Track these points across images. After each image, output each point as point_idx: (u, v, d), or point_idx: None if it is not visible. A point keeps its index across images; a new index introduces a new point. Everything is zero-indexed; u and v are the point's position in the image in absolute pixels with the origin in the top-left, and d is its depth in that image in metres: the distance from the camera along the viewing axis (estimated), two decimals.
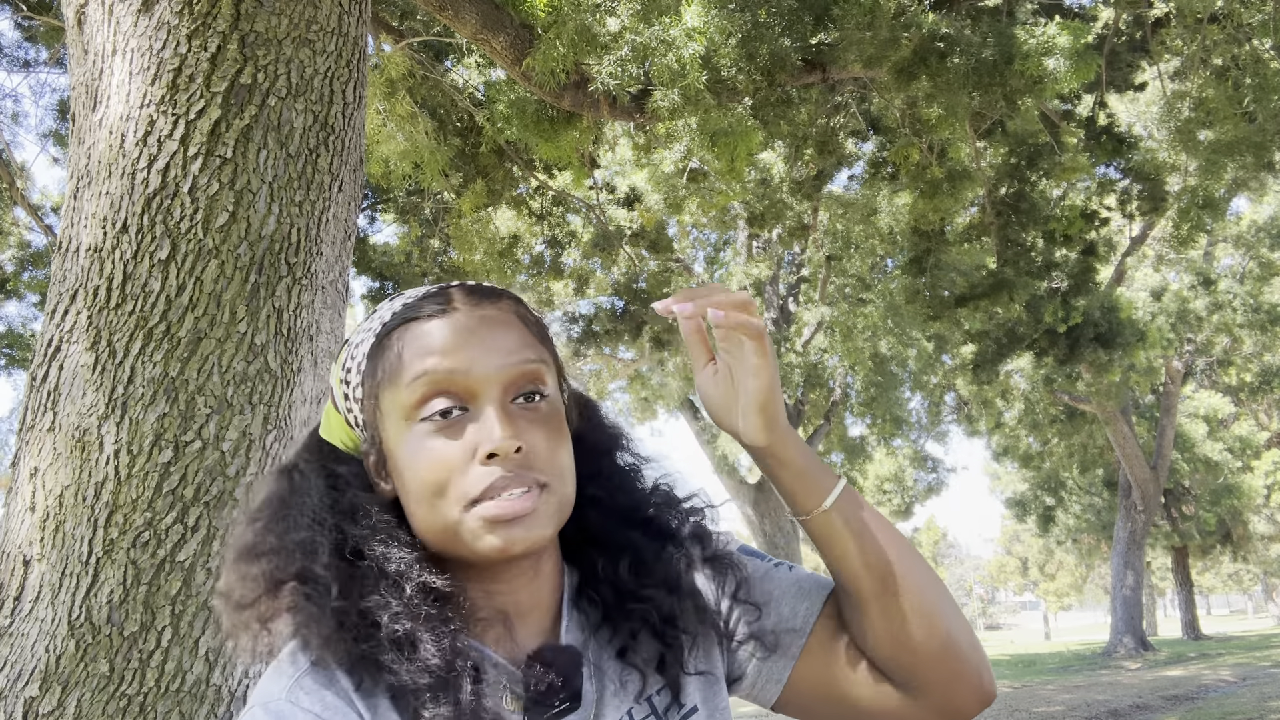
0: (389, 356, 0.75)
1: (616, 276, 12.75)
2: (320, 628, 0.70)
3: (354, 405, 0.78)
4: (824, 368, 15.89)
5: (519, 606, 0.78)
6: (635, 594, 0.81)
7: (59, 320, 2.17)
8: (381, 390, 0.75)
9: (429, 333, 0.74)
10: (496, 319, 0.76)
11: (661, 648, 0.81)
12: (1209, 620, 44.93)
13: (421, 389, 0.72)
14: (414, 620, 0.70)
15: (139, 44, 2.24)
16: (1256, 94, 7.08)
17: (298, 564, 0.73)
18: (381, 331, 0.76)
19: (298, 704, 0.68)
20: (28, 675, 1.93)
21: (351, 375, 0.78)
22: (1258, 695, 10.52)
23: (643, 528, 0.85)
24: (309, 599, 0.71)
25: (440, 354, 0.73)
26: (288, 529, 0.76)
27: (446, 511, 0.72)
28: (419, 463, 0.72)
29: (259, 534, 0.77)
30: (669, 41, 4.72)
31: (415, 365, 0.73)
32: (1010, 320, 9.76)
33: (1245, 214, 18.38)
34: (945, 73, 5.24)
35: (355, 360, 0.78)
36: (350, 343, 0.80)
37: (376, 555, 0.72)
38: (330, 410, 0.82)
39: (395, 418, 0.74)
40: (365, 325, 0.79)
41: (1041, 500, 25.53)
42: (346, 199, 2.49)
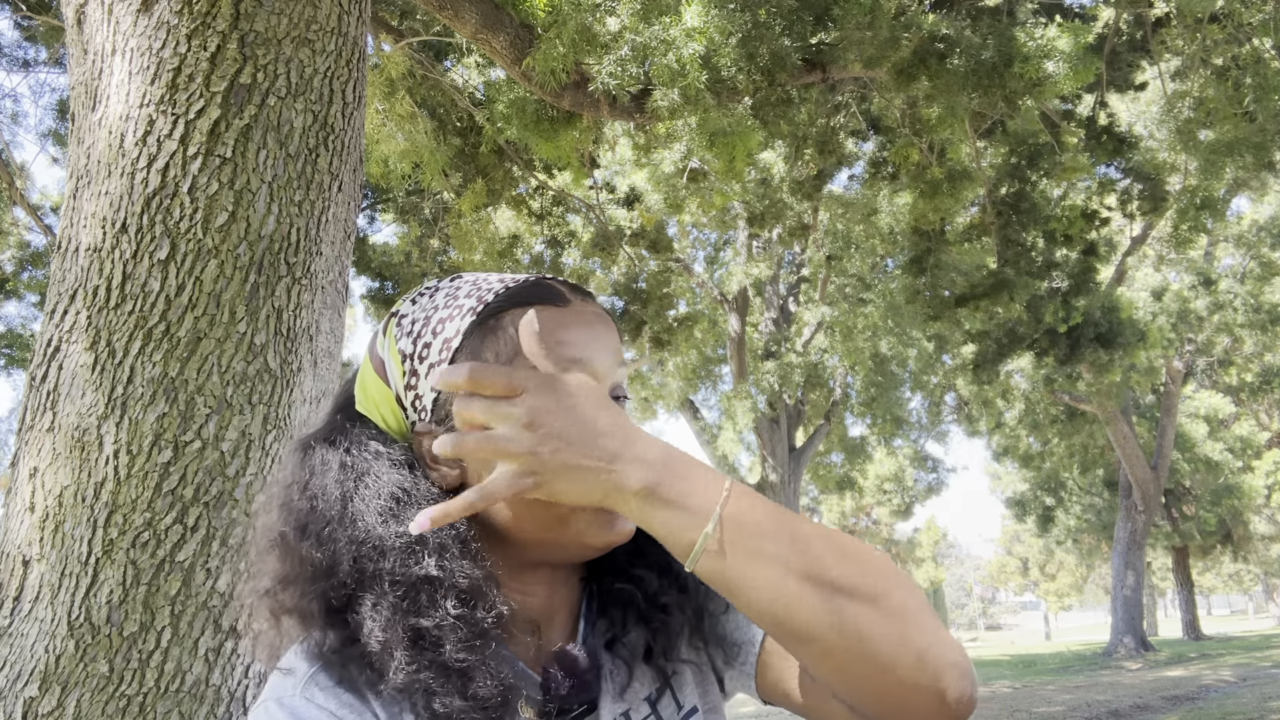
0: (502, 338, 0.71)
1: (616, 276, 12.75)
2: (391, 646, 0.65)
3: (422, 383, 0.73)
4: (824, 368, 15.89)
5: (550, 609, 0.77)
6: (626, 574, 0.80)
7: (58, 320, 2.17)
8: None
9: (555, 320, 0.71)
10: (604, 317, 0.75)
11: (647, 634, 0.80)
12: (1209, 620, 44.93)
13: None
14: (475, 650, 0.66)
15: (139, 44, 2.24)
16: (1257, 94, 7.08)
17: (378, 559, 0.67)
18: (485, 311, 0.72)
19: (313, 700, 0.66)
20: (27, 675, 1.93)
21: (431, 351, 0.72)
22: (1258, 695, 10.52)
23: None
24: (377, 607, 0.66)
25: (568, 344, 0.71)
26: (370, 513, 0.69)
27: None
28: None
29: (323, 511, 0.70)
30: (669, 41, 4.72)
31: None
32: (1010, 320, 9.76)
33: (1246, 214, 18.38)
34: (945, 73, 5.24)
35: (439, 336, 0.72)
36: (410, 317, 0.74)
37: (454, 572, 0.67)
38: (373, 385, 0.76)
39: None
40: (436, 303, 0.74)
41: (1042, 500, 25.53)
42: (346, 199, 2.49)
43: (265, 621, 0.72)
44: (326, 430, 0.76)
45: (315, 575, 0.69)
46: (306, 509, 0.71)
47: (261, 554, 0.73)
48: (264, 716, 0.67)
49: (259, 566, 0.73)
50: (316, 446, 0.75)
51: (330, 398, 0.87)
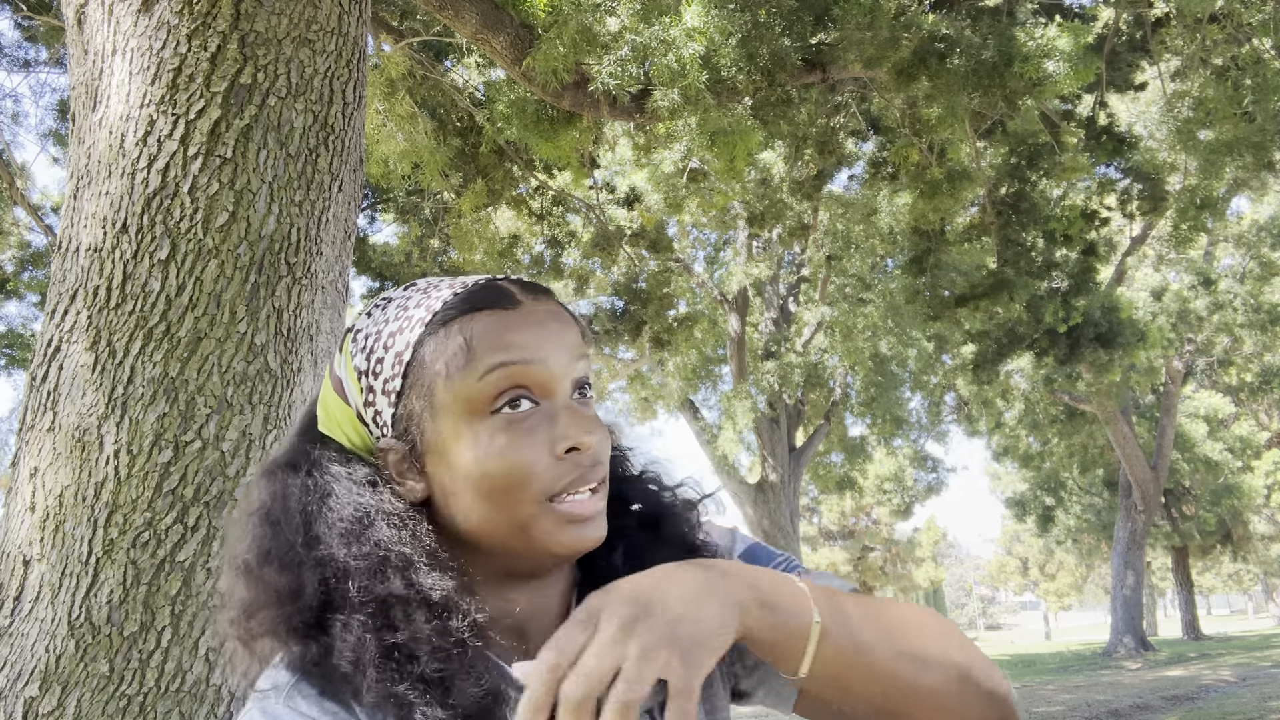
0: (451, 347, 0.70)
1: (616, 276, 12.75)
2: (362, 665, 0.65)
3: (380, 399, 0.73)
4: (824, 368, 15.89)
5: (534, 613, 0.76)
6: None
7: (59, 320, 2.17)
8: (438, 382, 0.70)
9: (502, 323, 0.71)
10: (558, 313, 0.74)
11: None
12: (1209, 620, 44.92)
13: (499, 381, 0.69)
14: (453, 660, 0.66)
15: (139, 44, 2.24)
16: (1256, 94, 7.08)
17: (343, 581, 0.67)
18: (434, 321, 0.71)
19: (296, 709, 0.66)
20: (28, 675, 1.93)
21: (384, 366, 0.72)
22: (1258, 695, 10.52)
23: (636, 515, 0.82)
24: (348, 627, 0.66)
25: (518, 347, 0.70)
26: (332, 537, 0.69)
27: (521, 507, 0.69)
28: (493, 458, 0.69)
29: (288, 538, 0.70)
30: (669, 41, 4.72)
31: (492, 356, 0.69)
32: (1010, 320, 9.76)
33: (1246, 214, 18.38)
34: (945, 73, 5.25)
35: (391, 350, 0.72)
36: (364, 333, 0.74)
37: (423, 582, 0.67)
38: (334, 404, 0.76)
39: (457, 411, 0.70)
40: (388, 316, 0.74)
41: (1041, 500, 25.54)
42: (346, 199, 2.49)
43: (238, 646, 0.72)
44: (289, 455, 0.76)
45: (280, 600, 0.69)
46: (269, 535, 0.71)
47: (230, 582, 0.73)
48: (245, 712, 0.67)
49: (228, 595, 0.73)
50: (279, 472, 0.75)
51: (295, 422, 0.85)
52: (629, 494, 0.84)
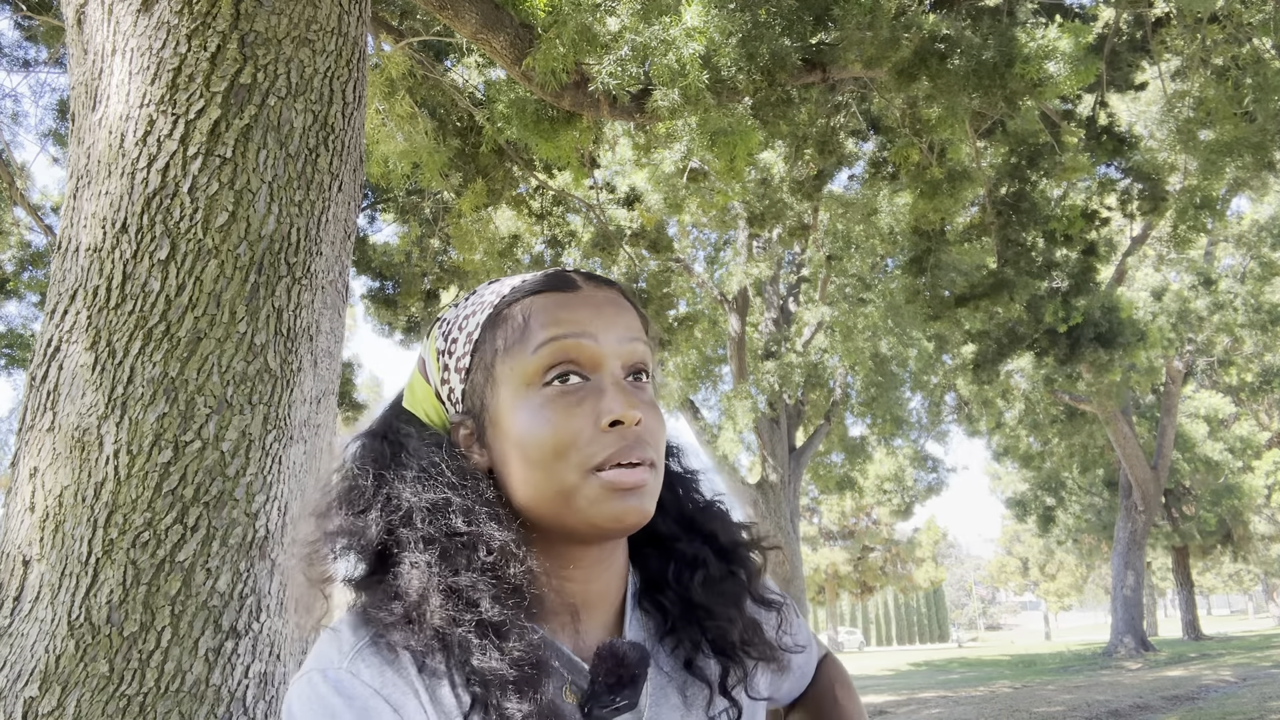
0: (512, 325, 0.75)
1: (616, 276, 12.75)
2: (427, 595, 0.68)
3: (452, 377, 0.78)
4: (824, 368, 15.88)
5: (588, 598, 0.78)
6: (708, 610, 0.82)
7: (59, 320, 2.17)
8: (499, 358, 0.75)
9: (558, 303, 0.75)
10: (617, 300, 0.79)
11: (728, 664, 0.81)
12: (1209, 620, 44.92)
13: (549, 354, 0.73)
14: (511, 607, 0.69)
15: (139, 44, 2.24)
16: (1257, 94, 7.08)
17: (409, 519, 0.71)
18: (500, 304, 0.77)
19: (358, 676, 0.67)
20: (27, 675, 1.93)
21: (457, 346, 0.78)
22: (1258, 695, 10.52)
23: (708, 541, 0.85)
24: (413, 565, 0.69)
25: (569, 323, 0.74)
26: (400, 483, 0.73)
27: (565, 476, 0.71)
28: (542, 426, 0.72)
29: (362, 486, 0.74)
30: (669, 41, 4.72)
31: (544, 331, 0.74)
32: (1010, 320, 9.76)
33: (1246, 214, 18.37)
34: (945, 73, 5.24)
35: (464, 330, 0.78)
36: (447, 320, 0.80)
37: (482, 532, 0.71)
38: (418, 384, 0.82)
39: (513, 384, 0.74)
40: (472, 301, 0.80)
41: (1042, 500, 25.53)
42: (346, 199, 2.49)
43: (305, 584, 0.76)
44: (375, 424, 0.82)
45: (348, 537, 0.73)
46: (346, 486, 0.76)
47: (302, 528, 0.78)
48: (307, 687, 0.68)
49: (298, 537, 0.78)
50: (363, 438, 0.80)
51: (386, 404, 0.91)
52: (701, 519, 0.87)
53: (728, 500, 0.90)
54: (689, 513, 0.86)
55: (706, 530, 0.86)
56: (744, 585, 0.85)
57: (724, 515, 0.88)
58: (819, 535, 42.74)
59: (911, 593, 48.50)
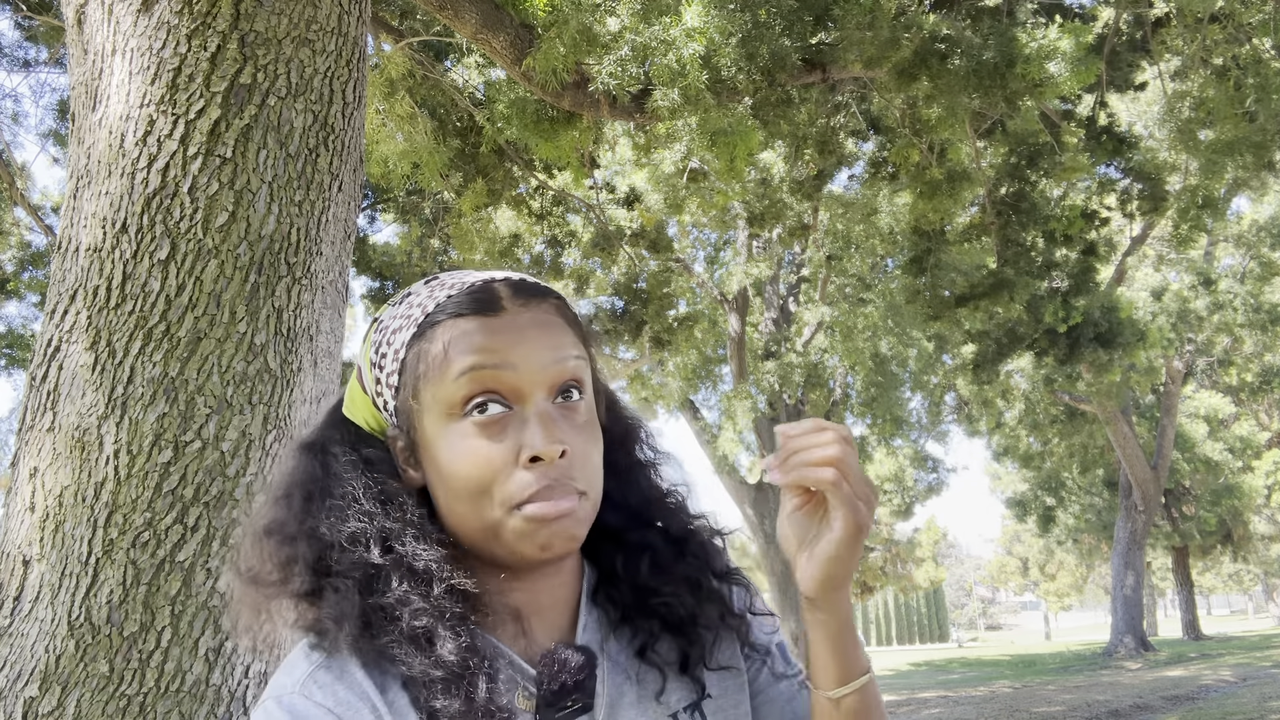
0: (433, 350, 0.73)
1: (616, 276, 12.75)
2: (343, 620, 0.70)
3: (385, 391, 0.77)
4: (824, 368, 15.89)
5: (538, 605, 0.78)
6: (657, 592, 0.82)
7: (59, 320, 2.17)
8: (422, 383, 0.74)
9: (477, 330, 0.73)
10: (543, 319, 0.75)
11: (685, 646, 0.81)
12: (1209, 620, 44.90)
13: (468, 386, 0.72)
14: (435, 618, 0.70)
15: (139, 44, 2.24)
16: (1257, 94, 7.08)
17: (330, 552, 0.73)
18: (425, 322, 0.75)
19: (310, 698, 0.69)
20: (27, 675, 1.93)
21: (386, 361, 0.76)
22: (1258, 695, 10.52)
23: (660, 529, 0.85)
24: (337, 591, 0.71)
25: (489, 351, 0.72)
26: (322, 513, 0.74)
27: (488, 512, 0.72)
28: (462, 461, 0.72)
29: (290, 513, 0.76)
30: (669, 41, 4.72)
31: (462, 361, 0.72)
32: (1010, 320, 9.76)
33: (1246, 214, 18.37)
34: (946, 74, 5.24)
35: (392, 346, 0.76)
36: (382, 324, 0.78)
37: (407, 551, 0.72)
38: (356, 389, 0.80)
39: (436, 412, 0.73)
40: (401, 310, 0.77)
41: (1042, 500, 25.52)
42: (346, 199, 2.49)
43: (250, 614, 0.77)
44: (311, 435, 0.82)
45: (280, 568, 0.74)
46: (278, 509, 0.77)
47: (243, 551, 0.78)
48: (263, 715, 0.69)
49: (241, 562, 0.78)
50: (297, 452, 0.80)
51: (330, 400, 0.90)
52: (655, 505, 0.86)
53: (685, 489, 0.89)
54: (636, 502, 0.85)
55: (656, 518, 0.86)
56: (701, 566, 0.84)
57: (678, 503, 0.87)
58: None
59: (911, 593, 48.48)
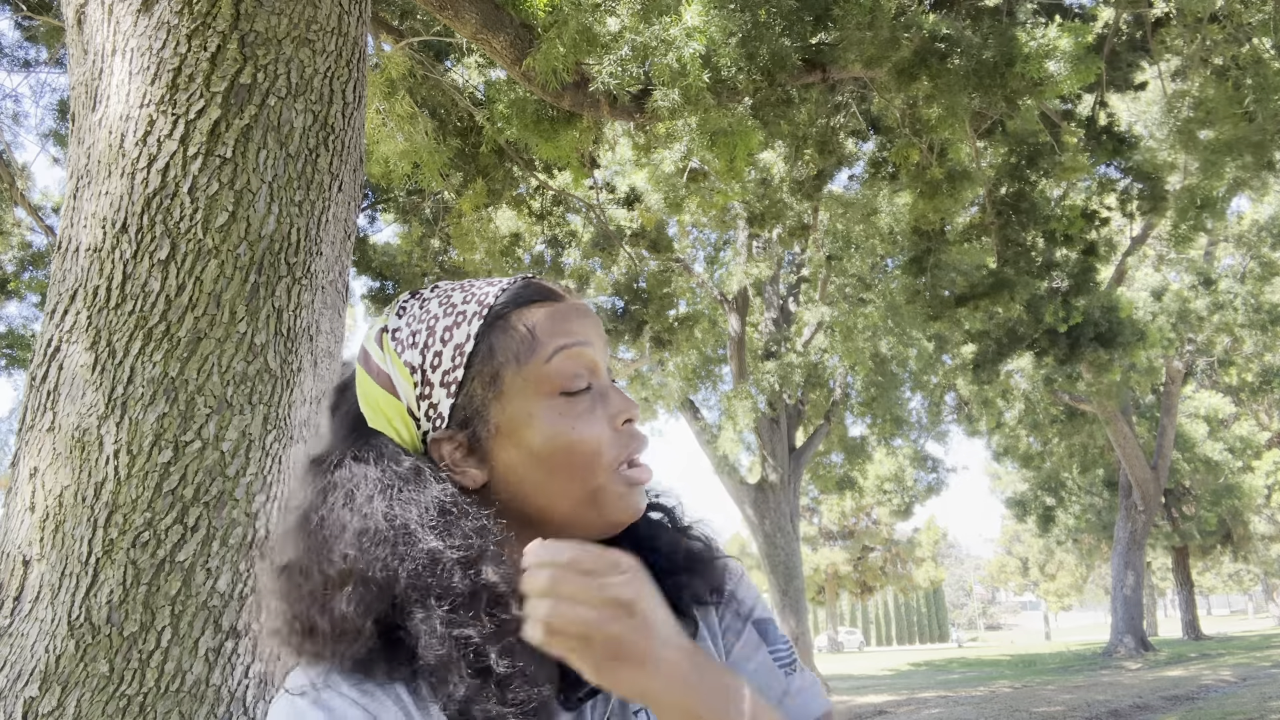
0: (516, 336, 0.76)
1: (616, 276, 12.75)
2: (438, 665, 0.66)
3: (435, 391, 0.74)
4: (824, 368, 15.89)
5: None
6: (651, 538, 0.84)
7: (59, 320, 2.17)
8: (506, 368, 0.75)
9: (559, 313, 0.78)
10: (589, 310, 0.81)
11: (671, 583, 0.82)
12: (1209, 620, 44.93)
13: (565, 363, 0.75)
14: (518, 655, 0.67)
15: (139, 44, 2.24)
16: (1256, 94, 7.08)
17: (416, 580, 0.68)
18: (491, 314, 0.76)
19: (335, 688, 0.68)
20: (27, 675, 1.93)
21: (443, 359, 0.75)
22: (1258, 695, 10.52)
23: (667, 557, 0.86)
24: (427, 620, 0.67)
25: (575, 332, 0.77)
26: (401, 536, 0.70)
27: (594, 476, 0.74)
28: (566, 432, 0.74)
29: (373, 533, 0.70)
30: (669, 41, 4.72)
31: (554, 340, 0.76)
32: (1010, 320, 9.76)
33: (1246, 214, 18.37)
34: (945, 73, 5.24)
35: (449, 344, 0.75)
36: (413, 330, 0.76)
37: (503, 574, 0.69)
38: (385, 401, 0.76)
39: (526, 395, 0.75)
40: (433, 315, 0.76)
41: (1042, 500, 25.53)
42: (346, 199, 2.49)
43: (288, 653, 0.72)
44: (348, 448, 0.76)
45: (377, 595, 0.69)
46: (357, 529, 0.70)
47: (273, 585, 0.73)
48: (285, 704, 0.68)
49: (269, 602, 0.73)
50: (343, 465, 0.75)
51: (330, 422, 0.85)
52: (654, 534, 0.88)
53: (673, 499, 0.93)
54: None
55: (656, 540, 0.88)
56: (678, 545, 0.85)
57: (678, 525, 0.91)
58: (819, 535, 42.75)
59: (911, 593, 48.52)
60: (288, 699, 0.68)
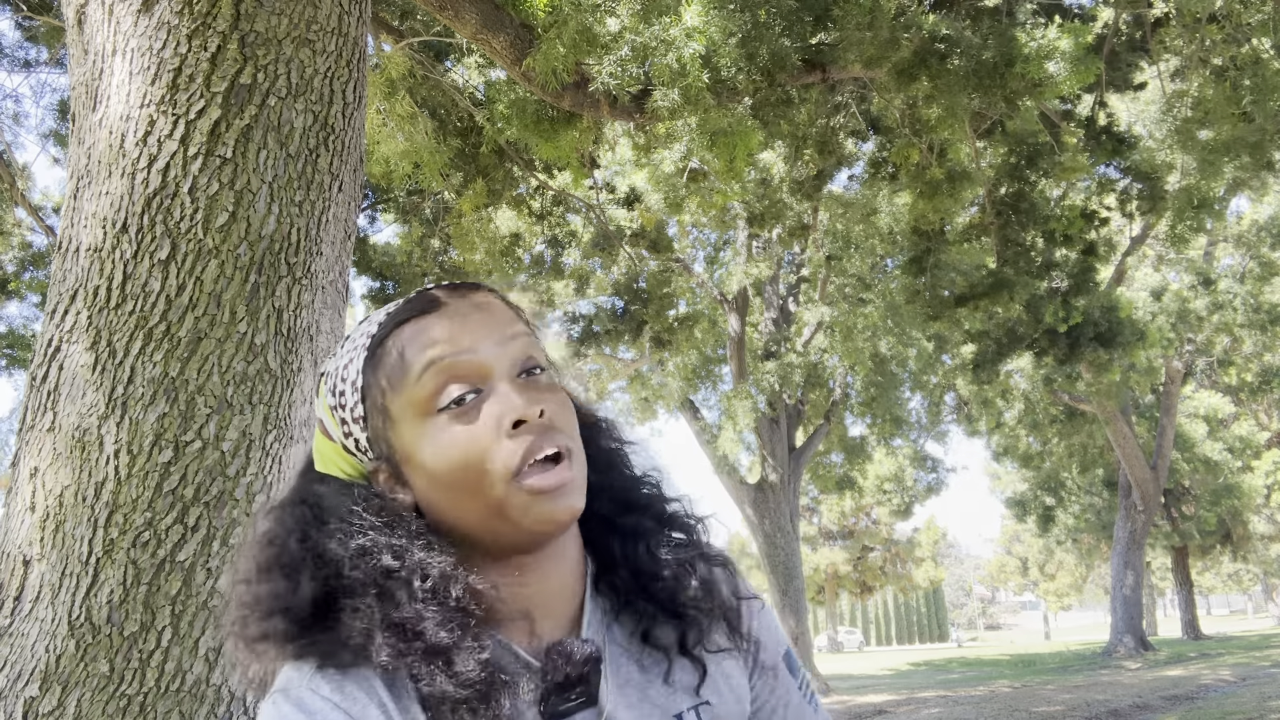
0: (388, 362, 0.74)
1: (616, 276, 12.75)
2: (363, 642, 0.69)
3: (352, 428, 0.77)
4: (824, 368, 15.89)
5: (544, 599, 0.78)
6: (655, 574, 0.82)
7: (59, 320, 2.17)
8: (388, 396, 0.74)
9: (426, 327, 0.75)
10: (484, 304, 0.78)
11: (682, 627, 0.82)
12: (1209, 620, 44.92)
13: (433, 379, 0.73)
14: (456, 630, 0.69)
15: (139, 44, 2.24)
16: (1255, 94, 7.08)
17: (332, 576, 0.72)
18: (373, 343, 0.76)
19: (318, 691, 0.69)
20: (28, 675, 1.93)
21: (346, 398, 0.77)
22: (1257, 695, 10.52)
23: (643, 511, 0.86)
24: (357, 610, 0.70)
25: (444, 342, 0.74)
26: (323, 538, 0.73)
27: (490, 491, 0.72)
28: (449, 450, 0.72)
29: (282, 553, 0.74)
30: (669, 41, 4.72)
31: (420, 358, 0.73)
32: (1010, 320, 9.76)
33: (1245, 214, 18.37)
34: (945, 74, 5.25)
35: (347, 381, 0.77)
36: (329, 374, 0.79)
37: (417, 561, 0.71)
38: (323, 444, 0.80)
39: (409, 418, 0.74)
40: (344, 352, 0.78)
41: (1041, 500, 25.54)
42: (346, 199, 2.49)
43: (245, 654, 0.75)
44: (292, 493, 0.80)
45: (280, 598, 0.73)
46: (274, 552, 0.75)
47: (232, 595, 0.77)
48: (270, 709, 0.69)
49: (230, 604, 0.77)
50: (281, 506, 0.79)
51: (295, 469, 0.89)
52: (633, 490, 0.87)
53: (660, 472, 0.90)
54: (623, 489, 0.86)
55: (643, 502, 0.86)
56: (695, 547, 0.85)
57: (656, 486, 0.88)
58: (819, 535, 42.74)
59: (911, 593, 48.51)
60: (270, 701, 0.70)
